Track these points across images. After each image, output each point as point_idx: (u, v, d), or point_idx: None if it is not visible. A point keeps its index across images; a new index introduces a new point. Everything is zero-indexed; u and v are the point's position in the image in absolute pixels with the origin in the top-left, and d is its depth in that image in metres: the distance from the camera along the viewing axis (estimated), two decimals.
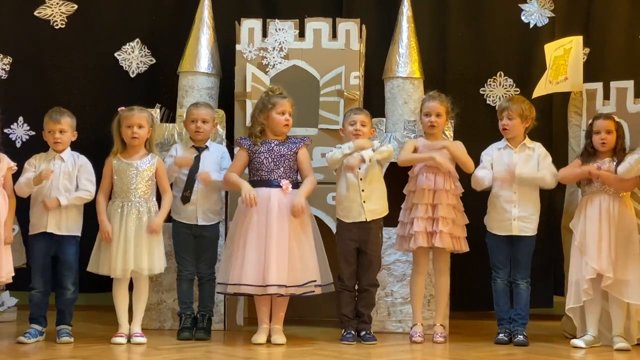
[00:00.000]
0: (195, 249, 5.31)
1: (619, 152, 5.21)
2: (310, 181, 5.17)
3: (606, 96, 5.58)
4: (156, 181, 5.12)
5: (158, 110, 5.68)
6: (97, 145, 5.42)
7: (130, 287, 5.14)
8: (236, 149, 5.32)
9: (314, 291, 5.07)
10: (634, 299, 5.11)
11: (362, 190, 5.21)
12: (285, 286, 4.98)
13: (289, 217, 5.05)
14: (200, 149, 5.35)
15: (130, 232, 5.01)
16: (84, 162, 5.12)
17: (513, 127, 5.31)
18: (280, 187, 5.10)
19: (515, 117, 5.30)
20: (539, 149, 5.34)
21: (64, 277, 5.04)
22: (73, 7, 6.41)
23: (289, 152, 5.17)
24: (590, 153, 5.29)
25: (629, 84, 5.52)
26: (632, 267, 5.12)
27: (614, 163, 5.17)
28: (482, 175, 5.29)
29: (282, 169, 5.15)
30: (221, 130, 5.64)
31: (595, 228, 5.16)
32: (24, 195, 5.03)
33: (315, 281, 5.05)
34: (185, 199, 5.25)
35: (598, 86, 5.62)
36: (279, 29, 5.75)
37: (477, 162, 5.35)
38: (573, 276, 5.25)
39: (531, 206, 5.27)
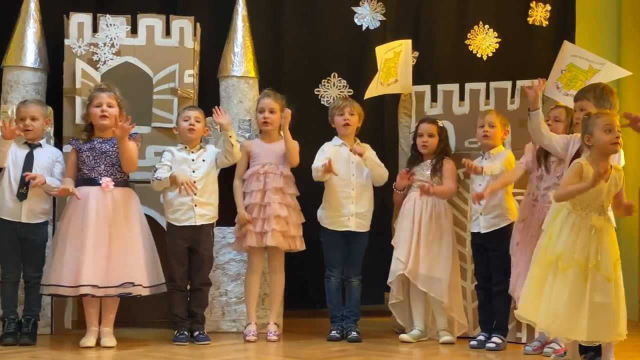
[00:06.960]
0: (20, 251, 5.11)
1: (439, 155, 5.40)
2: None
3: (434, 98, 5.79)
4: None
5: None
6: None
7: None
8: (68, 151, 5.16)
9: (131, 293, 4.95)
10: (441, 295, 5.27)
11: (195, 194, 5.16)
12: (98, 287, 4.87)
13: (110, 216, 4.95)
14: (32, 146, 5.16)
15: None
16: None
17: (354, 123, 5.44)
18: (100, 185, 4.99)
19: (355, 114, 5.43)
20: (370, 149, 5.47)
21: None
22: None
23: (111, 149, 5.08)
24: (414, 155, 5.49)
25: (455, 87, 5.75)
26: (442, 266, 5.27)
27: (430, 168, 5.35)
28: (315, 166, 5.34)
29: (102, 166, 5.05)
30: (49, 128, 5.43)
31: (408, 224, 5.33)
32: None
33: (133, 283, 4.94)
34: (22, 196, 5.05)
35: (426, 89, 5.82)
36: (110, 24, 5.62)
37: (311, 159, 5.43)
38: None
39: (367, 203, 5.40)
